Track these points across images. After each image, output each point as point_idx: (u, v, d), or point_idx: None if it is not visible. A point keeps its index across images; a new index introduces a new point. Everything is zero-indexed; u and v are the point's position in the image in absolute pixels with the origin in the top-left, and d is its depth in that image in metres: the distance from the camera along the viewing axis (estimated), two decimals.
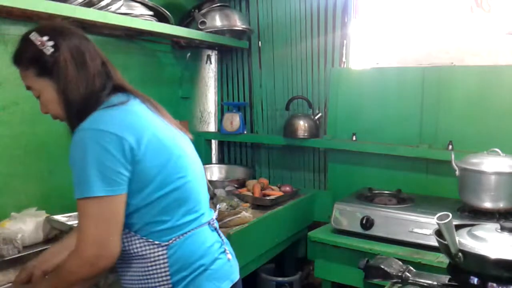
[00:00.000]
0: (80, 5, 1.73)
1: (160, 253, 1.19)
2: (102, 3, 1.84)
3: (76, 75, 1.18)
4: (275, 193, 2.46)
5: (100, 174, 1.08)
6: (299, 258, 2.75)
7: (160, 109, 1.30)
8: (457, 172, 2.02)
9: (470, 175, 1.96)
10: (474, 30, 2.37)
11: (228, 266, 1.30)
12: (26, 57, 1.20)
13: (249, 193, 2.43)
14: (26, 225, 1.63)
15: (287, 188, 2.55)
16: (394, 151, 2.44)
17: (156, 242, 1.18)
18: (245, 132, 2.96)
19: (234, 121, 2.90)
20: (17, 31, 1.76)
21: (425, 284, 1.19)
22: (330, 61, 2.70)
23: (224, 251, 1.31)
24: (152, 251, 1.19)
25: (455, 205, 2.09)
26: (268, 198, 2.38)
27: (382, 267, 1.23)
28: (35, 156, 1.86)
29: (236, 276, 1.33)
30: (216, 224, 1.35)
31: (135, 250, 1.19)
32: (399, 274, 1.22)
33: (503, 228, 1.14)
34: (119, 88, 1.25)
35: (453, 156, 2.07)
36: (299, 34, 2.78)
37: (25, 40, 1.21)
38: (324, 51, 2.72)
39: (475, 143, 2.23)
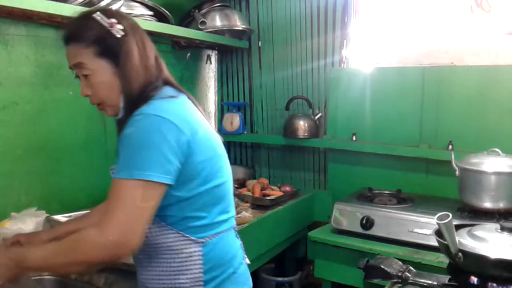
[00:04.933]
0: (80, 5, 1.72)
1: (195, 249, 1.17)
2: (102, 3, 1.84)
3: (139, 62, 1.18)
4: (275, 193, 2.46)
5: (156, 159, 1.06)
6: (299, 258, 2.75)
7: (198, 106, 1.29)
8: (457, 172, 2.02)
9: (470, 175, 1.96)
10: (474, 30, 2.37)
11: (248, 271, 1.32)
12: (91, 35, 1.16)
13: (249, 193, 2.43)
14: (26, 225, 1.63)
15: (287, 188, 2.55)
16: (394, 151, 2.44)
17: (192, 238, 1.17)
18: (245, 132, 2.96)
19: (234, 121, 2.90)
20: (17, 31, 1.77)
21: (425, 284, 1.19)
22: (330, 61, 2.70)
23: (243, 256, 1.33)
24: (187, 246, 1.16)
25: (455, 205, 2.09)
26: (268, 198, 2.38)
27: (382, 267, 1.23)
28: (35, 156, 1.86)
29: (251, 282, 1.33)
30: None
31: (169, 244, 1.17)
32: (399, 274, 1.22)
33: (503, 228, 1.14)
34: (167, 81, 1.25)
35: (453, 156, 2.07)
36: (299, 34, 2.78)
37: (89, 18, 1.18)
38: (324, 51, 2.72)
39: (475, 143, 2.23)
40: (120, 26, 1.17)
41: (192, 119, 1.17)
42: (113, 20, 1.16)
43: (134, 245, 1.06)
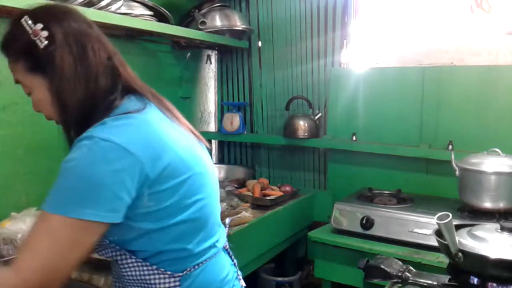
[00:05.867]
0: (80, 5, 1.73)
1: (172, 284, 1.02)
2: (102, 3, 1.84)
3: (74, 74, 0.98)
4: (275, 193, 2.46)
5: (99, 195, 0.89)
6: (299, 258, 2.75)
7: (174, 113, 1.11)
8: (457, 172, 2.02)
9: (470, 175, 1.96)
10: (474, 30, 2.37)
11: None
12: (16, 48, 1.00)
13: (249, 193, 2.42)
14: (26, 225, 1.63)
15: (287, 188, 2.55)
16: (394, 151, 2.44)
17: (168, 272, 1.01)
18: (245, 132, 2.95)
19: (234, 121, 2.90)
20: None
21: (425, 284, 1.19)
22: (330, 61, 2.70)
23: (237, 277, 1.20)
24: (162, 281, 1.01)
25: (455, 205, 2.09)
26: (268, 198, 2.38)
27: (382, 267, 1.23)
28: (35, 156, 1.86)
29: None
30: (228, 245, 1.22)
31: (143, 278, 1.02)
32: (399, 274, 1.22)
33: (503, 228, 1.14)
34: (130, 89, 1.06)
35: (453, 156, 2.07)
36: (299, 34, 2.78)
37: (16, 25, 1.00)
38: (324, 51, 2.72)
39: (475, 143, 2.23)
40: (44, 33, 0.97)
41: (159, 142, 0.97)
42: (39, 26, 0.97)
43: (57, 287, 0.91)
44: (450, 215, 1.06)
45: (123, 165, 0.91)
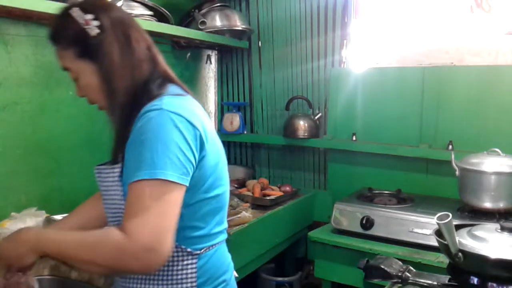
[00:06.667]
0: None
1: (189, 261, 1.08)
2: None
3: (121, 60, 1.07)
4: (275, 193, 2.46)
5: (176, 159, 0.96)
6: (299, 258, 2.75)
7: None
8: (457, 172, 2.02)
9: (470, 175, 1.96)
10: (474, 30, 2.37)
11: (236, 286, 1.26)
12: (67, 36, 1.08)
13: (249, 193, 2.43)
14: (26, 225, 1.63)
15: (287, 188, 2.55)
16: (394, 151, 2.44)
17: (188, 250, 1.08)
18: (245, 132, 2.96)
19: (234, 121, 2.90)
20: (17, 31, 1.76)
21: (425, 284, 1.19)
22: (330, 61, 2.70)
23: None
24: (181, 258, 1.08)
25: (455, 205, 2.09)
26: (268, 198, 2.38)
27: (382, 267, 1.23)
28: (35, 156, 1.86)
29: None
30: None
31: None
32: (399, 274, 1.22)
33: (503, 228, 1.14)
34: (167, 78, 1.14)
35: (453, 156, 2.07)
36: (299, 34, 2.78)
37: (66, 16, 1.08)
38: (324, 51, 2.72)
39: (475, 143, 2.23)
40: (96, 23, 1.06)
41: (204, 120, 1.09)
42: (89, 16, 1.06)
43: (167, 253, 0.95)
44: (450, 215, 1.06)
45: (190, 135, 1.01)
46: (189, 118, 1.02)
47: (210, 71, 3.13)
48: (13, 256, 1.05)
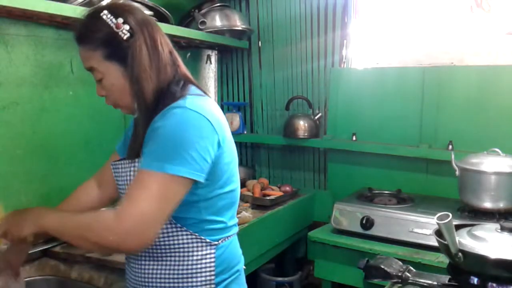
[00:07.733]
0: (80, 5, 1.72)
1: (208, 251, 1.15)
2: (102, 3, 1.84)
3: (149, 63, 1.12)
4: (275, 193, 2.46)
5: (191, 155, 1.03)
6: (299, 258, 2.75)
7: None
8: (457, 172, 2.02)
9: (470, 175, 1.96)
10: (474, 30, 2.37)
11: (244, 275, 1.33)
12: (97, 38, 1.12)
13: (249, 193, 2.43)
14: None
15: (287, 188, 2.55)
16: (394, 151, 2.44)
17: (207, 240, 1.15)
18: (245, 132, 2.96)
19: (234, 121, 2.90)
20: (17, 31, 1.76)
21: (425, 284, 1.19)
22: (330, 61, 2.70)
23: None
24: (200, 248, 1.14)
25: (455, 205, 2.09)
26: (268, 198, 2.38)
27: (382, 267, 1.23)
28: (35, 156, 1.86)
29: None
30: None
31: (182, 246, 1.13)
32: (399, 274, 1.22)
33: (503, 228, 1.14)
34: (187, 80, 1.20)
35: (453, 156, 2.07)
36: (299, 34, 2.78)
37: (97, 18, 1.13)
38: (324, 51, 2.72)
39: (475, 143, 2.23)
40: (127, 27, 1.11)
41: (221, 120, 1.16)
42: (120, 20, 1.11)
43: (146, 239, 1.03)
44: (450, 215, 1.06)
45: (208, 134, 1.08)
46: (208, 117, 1.09)
47: (210, 71, 3.12)
48: (14, 225, 1.15)
